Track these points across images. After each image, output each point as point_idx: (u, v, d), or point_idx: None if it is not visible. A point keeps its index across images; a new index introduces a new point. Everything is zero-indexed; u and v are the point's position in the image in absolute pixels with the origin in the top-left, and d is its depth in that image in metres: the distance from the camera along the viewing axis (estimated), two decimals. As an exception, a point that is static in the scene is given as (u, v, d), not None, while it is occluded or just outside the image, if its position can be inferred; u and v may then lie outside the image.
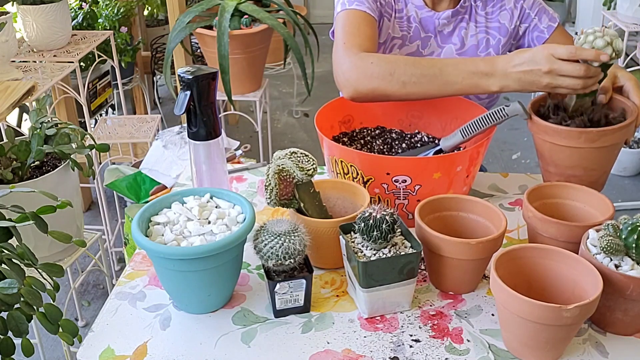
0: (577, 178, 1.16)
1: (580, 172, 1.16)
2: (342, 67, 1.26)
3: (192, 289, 1.00)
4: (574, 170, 1.16)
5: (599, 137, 1.11)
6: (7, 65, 2.00)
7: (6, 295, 0.87)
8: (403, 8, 1.45)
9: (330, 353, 0.95)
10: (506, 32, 1.47)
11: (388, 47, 1.47)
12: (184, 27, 2.55)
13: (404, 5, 1.45)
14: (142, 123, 2.49)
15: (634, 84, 1.19)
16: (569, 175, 1.17)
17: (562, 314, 0.85)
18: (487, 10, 1.47)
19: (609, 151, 1.15)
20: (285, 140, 3.59)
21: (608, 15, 3.01)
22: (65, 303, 2.03)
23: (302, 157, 1.06)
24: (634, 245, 0.93)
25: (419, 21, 1.45)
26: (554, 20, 1.48)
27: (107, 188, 1.95)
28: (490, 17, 1.47)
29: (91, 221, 2.82)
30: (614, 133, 1.12)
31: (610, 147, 1.14)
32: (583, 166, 1.15)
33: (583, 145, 1.12)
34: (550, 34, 1.47)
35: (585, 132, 1.11)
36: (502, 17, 1.46)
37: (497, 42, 1.47)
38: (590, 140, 1.11)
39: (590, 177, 1.17)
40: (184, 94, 1.12)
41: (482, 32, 1.47)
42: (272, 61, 3.22)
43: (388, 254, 0.97)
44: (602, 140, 1.11)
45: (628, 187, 3.14)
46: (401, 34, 1.45)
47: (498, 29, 1.47)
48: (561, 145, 1.14)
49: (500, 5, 1.46)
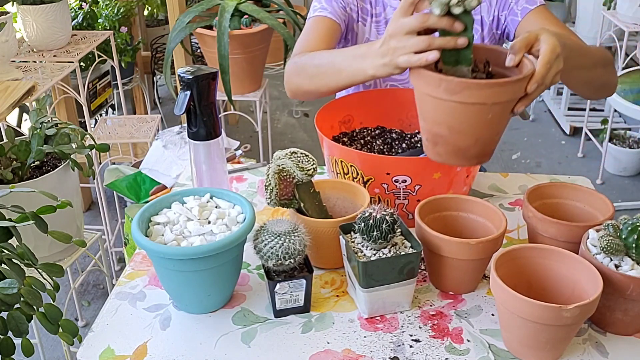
0: (443, 139, 1.01)
1: (445, 131, 1.00)
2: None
3: (192, 289, 1.00)
4: (439, 128, 1.00)
5: (460, 89, 0.94)
6: (7, 65, 2.00)
7: (6, 295, 0.87)
8: (381, 12, 1.44)
9: (330, 353, 0.95)
10: (484, 24, 1.42)
11: None
12: (184, 27, 2.55)
13: (383, 9, 1.44)
14: (142, 123, 2.49)
15: (550, 48, 0.98)
16: (435, 133, 1.02)
17: (562, 314, 0.85)
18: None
19: (480, 113, 0.96)
20: (285, 140, 3.59)
21: (608, 15, 3.01)
22: (65, 303, 2.03)
23: (302, 157, 1.06)
24: (634, 245, 0.93)
25: None
26: (531, 2, 1.37)
27: (107, 188, 1.95)
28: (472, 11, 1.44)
29: (91, 221, 2.82)
30: (480, 89, 0.94)
31: (479, 108, 0.96)
32: (448, 124, 0.99)
33: (444, 96, 0.95)
34: (523, 16, 1.37)
35: (444, 79, 0.95)
36: (483, 9, 1.42)
37: (479, 36, 1.43)
38: (451, 91, 0.94)
39: (458, 142, 1.00)
40: (184, 94, 1.12)
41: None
42: (272, 61, 3.22)
43: (388, 254, 0.97)
44: (466, 95, 0.94)
45: (628, 187, 3.15)
46: (379, 37, 1.45)
47: (479, 22, 1.43)
48: (425, 94, 0.99)
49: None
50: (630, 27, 2.85)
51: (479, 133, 0.99)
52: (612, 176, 3.22)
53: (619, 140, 3.24)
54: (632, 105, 2.52)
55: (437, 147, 1.03)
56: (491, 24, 1.43)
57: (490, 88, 0.94)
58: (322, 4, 1.41)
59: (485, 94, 0.94)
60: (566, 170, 3.26)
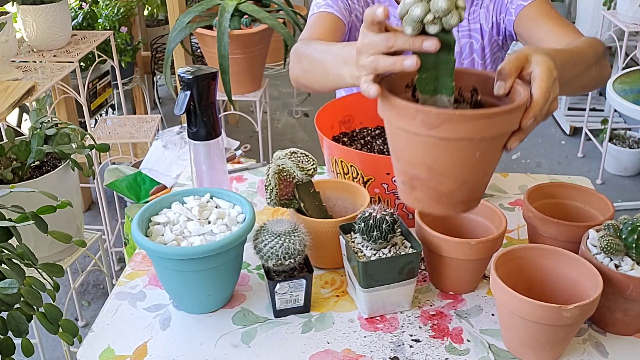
0: (421, 182, 0.83)
1: (423, 173, 0.82)
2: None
3: (192, 289, 1.00)
4: (416, 169, 0.82)
5: (440, 122, 0.76)
6: (7, 65, 2.00)
7: (6, 295, 0.87)
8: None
9: (330, 353, 0.95)
10: (484, 33, 1.40)
11: None
12: (184, 27, 2.55)
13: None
14: (142, 123, 2.49)
15: (546, 71, 0.83)
16: (412, 176, 0.83)
17: (562, 314, 0.85)
18: (471, 11, 1.39)
19: (465, 151, 0.79)
20: (285, 140, 3.59)
21: (608, 15, 3.01)
22: (65, 303, 2.03)
23: (302, 157, 1.06)
24: (634, 245, 0.93)
25: None
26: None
27: (107, 188, 1.95)
28: (472, 19, 1.40)
29: (91, 221, 2.82)
30: (464, 122, 0.76)
31: (464, 144, 0.78)
32: (427, 165, 0.81)
33: (421, 131, 0.77)
34: (517, 14, 1.31)
35: (421, 110, 0.77)
36: (481, 16, 1.39)
37: (480, 46, 1.41)
38: (429, 124, 0.76)
39: (440, 186, 0.82)
40: (184, 94, 1.12)
41: (465, 37, 1.41)
42: (272, 61, 3.22)
43: (388, 254, 0.97)
44: (448, 129, 0.76)
45: (628, 187, 3.15)
46: None
47: (479, 31, 1.40)
48: (398, 128, 0.81)
49: (482, 4, 1.38)
50: (630, 27, 2.85)
51: (465, 175, 0.82)
52: (612, 176, 3.22)
53: (619, 140, 3.24)
54: (632, 105, 2.51)
55: (414, 191, 0.85)
56: (491, 31, 1.40)
57: (476, 121, 0.76)
58: (327, 2, 1.37)
59: (471, 128, 0.77)
60: (566, 170, 3.26)
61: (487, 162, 0.83)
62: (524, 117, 0.81)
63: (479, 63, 1.42)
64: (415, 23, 0.77)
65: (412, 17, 0.76)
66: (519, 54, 0.86)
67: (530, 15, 1.30)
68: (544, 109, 0.82)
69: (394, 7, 1.40)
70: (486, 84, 0.86)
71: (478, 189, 0.86)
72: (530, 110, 0.81)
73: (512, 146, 0.83)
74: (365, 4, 1.41)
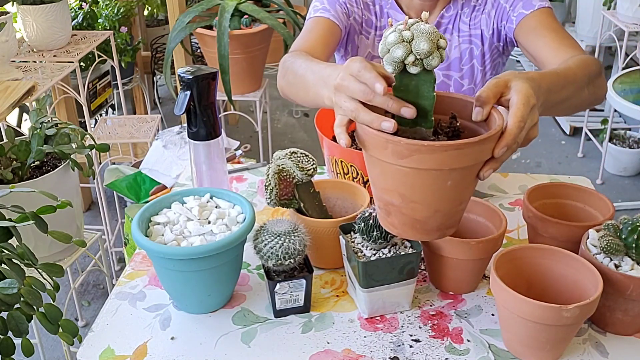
0: (395, 208, 0.85)
1: (397, 200, 0.84)
2: None
3: (192, 289, 1.00)
4: (390, 196, 0.85)
5: (410, 153, 0.78)
6: (7, 65, 2.00)
7: (6, 295, 0.87)
8: (386, 25, 1.41)
9: (330, 353, 0.95)
10: (485, 39, 1.39)
11: None
12: (184, 27, 2.55)
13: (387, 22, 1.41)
14: (142, 123, 2.49)
15: (523, 98, 0.82)
16: (386, 202, 0.87)
17: (562, 314, 0.85)
18: (472, 16, 1.38)
19: (436, 180, 0.80)
20: (285, 140, 3.59)
21: (608, 15, 3.01)
22: (65, 303, 2.03)
23: (302, 157, 1.06)
24: (634, 245, 0.93)
25: None
26: (528, 7, 1.29)
27: (107, 188, 1.95)
28: (473, 24, 1.38)
29: (91, 221, 2.82)
30: (433, 152, 0.77)
31: (435, 174, 0.79)
32: (399, 192, 0.83)
33: (392, 160, 0.80)
34: (518, 22, 1.30)
35: (391, 141, 0.79)
36: (482, 22, 1.38)
37: (480, 52, 1.40)
38: (399, 154, 0.78)
39: (414, 213, 0.85)
40: (184, 94, 1.12)
41: (466, 43, 1.40)
42: (272, 61, 3.22)
43: (388, 254, 0.97)
44: (418, 160, 0.78)
45: (628, 187, 3.15)
46: None
47: (479, 37, 1.39)
48: (372, 157, 0.84)
49: (483, 10, 1.37)
50: (630, 27, 2.85)
51: (437, 203, 0.84)
52: (612, 176, 3.22)
53: (619, 140, 3.24)
54: (632, 105, 2.51)
55: (390, 217, 0.88)
56: (492, 38, 1.39)
57: (445, 152, 0.77)
58: (325, 5, 1.36)
59: (440, 159, 0.77)
60: (566, 170, 3.26)
61: (460, 191, 0.84)
62: (496, 146, 0.80)
63: (479, 69, 1.42)
64: (396, 64, 0.79)
65: (393, 57, 0.78)
66: (499, 80, 0.85)
67: (531, 25, 1.29)
68: (518, 138, 0.81)
69: (395, 10, 1.40)
70: (466, 109, 0.87)
71: (452, 217, 0.87)
72: (502, 140, 0.80)
73: (486, 175, 0.82)
74: (365, 7, 1.40)
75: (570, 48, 1.23)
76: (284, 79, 1.22)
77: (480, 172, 0.83)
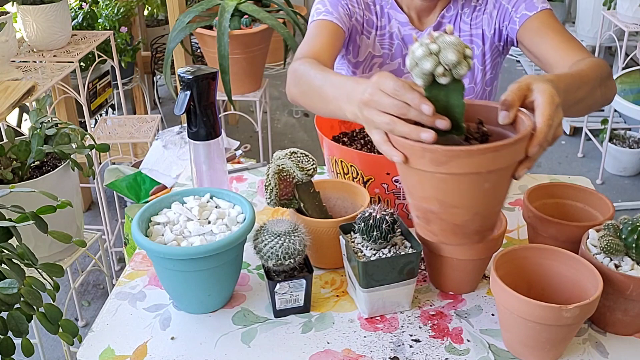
0: (435, 215, 0.87)
1: (437, 207, 0.86)
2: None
3: (192, 289, 1.00)
4: (429, 204, 0.86)
5: (447, 160, 0.80)
6: (7, 65, 2.00)
7: (6, 295, 0.87)
8: (386, 24, 1.41)
9: (330, 353, 0.95)
10: (486, 39, 1.39)
11: (368, 65, 1.45)
12: (184, 27, 2.55)
13: (387, 22, 1.41)
14: (142, 123, 2.49)
15: (548, 98, 0.85)
16: (425, 210, 0.88)
17: (562, 314, 0.85)
18: (473, 16, 1.39)
19: (474, 183, 0.82)
20: (285, 140, 3.59)
21: (608, 15, 3.01)
22: (65, 303, 2.03)
23: (302, 157, 1.06)
24: (634, 245, 0.93)
25: (401, 38, 1.41)
26: (531, 8, 1.30)
27: (107, 188, 1.95)
28: (475, 24, 1.39)
29: (91, 221, 2.82)
30: (471, 156, 0.79)
31: (473, 178, 0.82)
32: (439, 199, 0.85)
33: (430, 168, 0.82)
34: (522, 24, 1.30)
35: (428, 149, 0.80)
36: (484, 22, 1.38)
37: (480, 51, 1.40)
38: (437, 161, 0.80)
39: (454, 218, 0.86)
40: (184, 94, 1.12)
41: (467, 42, 1.39)
42: (272, 61, 3.22)
43: (388, 254, 0.97)
44: (456, 165, 0.80)
45: (628, 187, 3.15)
46: (382, 52, 1.42)
47: (480, 37, 1.39)
48: (409, 167, 0.85)
49: (484, 10, 1.38)
50: (630, 27, 2.85)
51: (476, 206, 0.86)
52: (612, 176, 3.22)
53: (619, 140, 3.24)
54: (632, 105, 2.52)
55: (430, 225, 0.90)
56: (492, 37, 1.39)
57: (482, 155, 0.80)
58: (327, 8, 1.36)
59: (477, 162, 0.80)
60: (566, 170, 3.26)
61: (497, 192, 0.86)
62: (529, 145, 0.83)
63: (479, 68, 1.42)
64: (426, 76, 0.81)
65: (422, 70, 0.80)
66: (520, 84, 0.88)
67: (535, 27, 1.30)
68: (548, 136, 0.85)
69: (395, 10, 1.40)
70: (491, 114, 0.89)
71: (490, 219, 0.90)
72: (535, 139, 0.84)
73: (521, 174, 0.86)
74: (366, 7, 1.40)
75: (578, 50, 1.24)
76: (296, 87, 1.21)
77: (516, 172, 0.85)
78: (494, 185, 0.84)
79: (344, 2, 1.37)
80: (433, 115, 0.83)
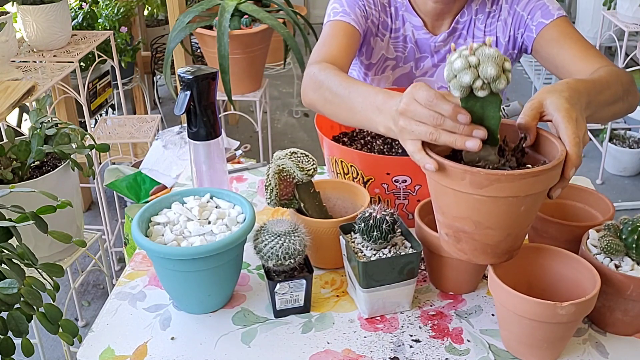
0: (467, 235, 0.89)
1: (470, 227, 0.87)
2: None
3: (192, 289, 1.00)
4: (462, 223, 0.88)
5: (489, 183, 0.81)
6: (7, 65, 2.00)
7: (6, 295, 0.87)
8: (400, 27, 1.41)
9: (330, 353, 0.95)
10: (500, 45, 1.39)
11: (380, 67, 1.44)
12: (184, 27, 2.55)
13: (402, 24, 1.41)
14: (142, 123, 2.49)
15: (565, 115, 0.86)
16: (457, 229, 0.89)
17: (557, 311, 0.85)
18: (487, 22, 1.39)
19: (511, 206, 0.84)
20: (285, 140, 3.59)
21: (608, 15, 3.01)
22: (65, 303, 2.03)
23: (302, 157, 1.06)
24: (634, 245, 0.93)
25: (414, 42, 1.41)
26: (547, 16, 1.30)
27: (107, 188, 1.95)
28: (489, 31, 1.39)
29: (91, 221, 2.82)
30: (512, 181, 0.81)
31: (511, 201, 0.83)
32: (473, 220, 0.86)
33: (469, 190, 0.83)
34: (538, 32, 1.31)
35: (470, 172, 0.82)
36: (498, 29, 1.38)
37: None
38: (478, 184, 0.82)
39: (486, 238, 0.88)
40: (184, 94, 1.12)
41: None
42: (272, 61, 3.22)
43: (388, 254, 0.97)
44: (496, 189, 0.82)
45: (628, 187, 3.15)
46: (395, 55, 1.42)
47: (494, 43, 1.39)
48: (445, 187, 0.86)
49: (499, 17, 1.38)
50: (630, 27, 2.85)
51: (510, 227, 0.87)
52: (612, 176, 3.22)
53: (619, 140, 3.24)
54: (632, 105, 2.51)
55: (460, 244, 0.91)
56: (507, 44, 1.39)
57: (523, 179, 0.81)
58: (345, 8, 1.34)
59: (518, 187, 0.82)
60: (566, 170, 3.25)
61: (530, 214, 0.88)
62: (566, 168, 0.85)
63: None
64: (464, 89, 0.81)
65: (461, 82, 0.80)
66: (532, 102, 0.89)
67: (552, 35, 1.29)
68: (580, 154, 0.86)
69: (410, 13, 1.40)
70: (516, 133, 0.92)
71: (520, 239, 0.92)
72: (569, 162, 0.85)
73: (556, 195, 0.87)
74: (382, 9, 1.40)
75: (598, 58, 1.24)
76: (316, 93, 1.18)
77: (551, 192, 0.87)
78: (529, 208, 0.86)
79: (361, 3, 1.36)
80: (470, 125, 0.83)
